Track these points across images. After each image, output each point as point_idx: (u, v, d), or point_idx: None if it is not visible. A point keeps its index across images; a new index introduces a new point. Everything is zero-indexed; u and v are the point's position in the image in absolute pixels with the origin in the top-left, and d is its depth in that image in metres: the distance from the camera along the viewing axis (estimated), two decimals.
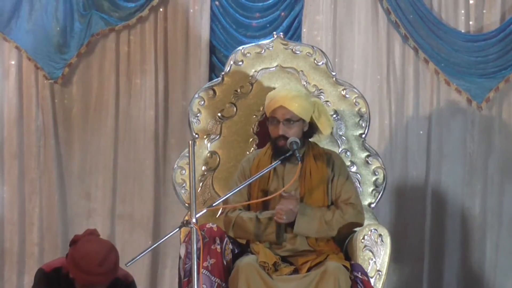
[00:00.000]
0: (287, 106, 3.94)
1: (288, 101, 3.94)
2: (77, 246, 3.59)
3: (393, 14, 5.52)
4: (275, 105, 3.97)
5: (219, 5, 5.68)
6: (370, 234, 3.95)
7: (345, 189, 4.02)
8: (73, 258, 3.57)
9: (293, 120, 3.96)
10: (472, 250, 5.57)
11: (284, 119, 3.95)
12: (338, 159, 4.13)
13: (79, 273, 3.54)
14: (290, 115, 3.95)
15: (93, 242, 3.63)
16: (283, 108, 3.95)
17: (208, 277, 3.74)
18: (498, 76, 5.50)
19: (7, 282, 5.70)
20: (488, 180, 5.56)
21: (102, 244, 3.64)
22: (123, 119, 5.71)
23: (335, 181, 4.03)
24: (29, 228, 5.72)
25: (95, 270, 3.53)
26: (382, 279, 3.94)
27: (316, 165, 4.02)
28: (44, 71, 5.66)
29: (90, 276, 3.53)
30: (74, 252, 3.58)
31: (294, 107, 3.94)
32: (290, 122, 3.95)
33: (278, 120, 3.96)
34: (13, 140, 5.71)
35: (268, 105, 4.02)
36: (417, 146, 5.59)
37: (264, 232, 3.89)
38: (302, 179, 4.00)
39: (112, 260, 3.58)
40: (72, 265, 3.56)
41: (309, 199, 3.97)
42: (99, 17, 5.63)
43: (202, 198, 4.44)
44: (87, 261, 3.53)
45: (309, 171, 4.01)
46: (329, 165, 4.04)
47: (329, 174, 4.03)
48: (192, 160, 3.40)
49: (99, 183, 5.72)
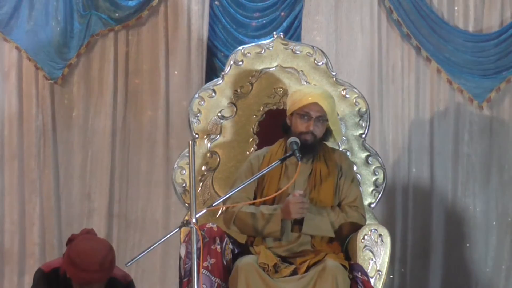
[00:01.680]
0: (322, 104, 3.96)
1: (323, 100, 3.97)
2: (74, 244, 3.60)
3: (395, 13, 5.52)
4: (309, 101, 3.96)
5: (219, 4, 5.68)
6: (370, 234, 3.95)
7: (351, 191, 4.04)
8: (69, 256, 3.57)
9: (324, 119, 3.99)
10: (473, 250, 5.57)
11: (317, 116, 3.96)
12: (346, 160, 4.16)
13: (75, 271, 3.55)
14: (323, 113, 3.97)
15: (90, 240, 3.65)
16: (317, 105, 3.96)
17: (208, 277, 3.74)
18: (499, 77, 5.50)
19: (8, 282, 5.70)
20: (488, 180, 5.56)
21: (98, 242, 3.65)
22: (122, 119, 5.71)
23: (342, 183, 4.04)
24: (29, 228, 5.72)
25: (91, 267, 3.53)
26: (382, 279, 3.94)
27: (326, 165, 4.04)
28: (44, 71, 5.66)
29: (86, 273, 3.53)
30: (70, 251, 3.59)
31: (327, 107, 3.97)
32: (320, 121, 3.98)
33: (310, 116, 3.97)
34: (13, 140, 5.72)
35: (299, 99, 3.99)
36: (418, 146, 5.59)
37: (266, 227, 3.89)
38: (312, 178, 4.02)
39: (109, 258, 3.59)
40: (69, 263, 3.56)
41: (317, 199, 3.98)
42: (99, 17, 5.63)
43: (202, 198, 4.44)
44: (83, 258, 3.53)
45: (319, 171, 4.02)
46: (338, 166, 4.07)
47: (337, 174, 4.05)
48: (192, 160, 3.40)
49: (99, 183, 5.72)
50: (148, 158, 5.69)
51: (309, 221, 3.87)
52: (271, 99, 4.55)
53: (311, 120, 3.96)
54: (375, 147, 4.62)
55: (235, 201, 3.94)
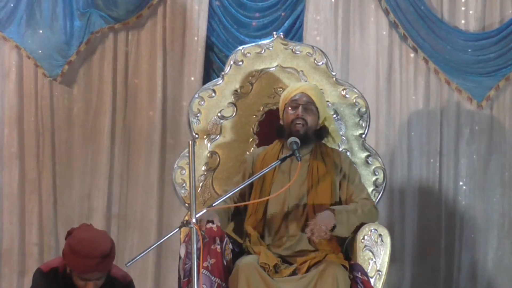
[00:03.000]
0: (308, 93, 4.09)
1: (309, 89, 4.12)
2: (73, 235, 3.64)
3: (391, 14, 5.52)
4: (295, 92, 4.10)
5: (220, 4, 5.68)
6: (370, 234, 3.95)
7: (358, 188, 4.08)
8: (69, 246, 3.59)
9: (311, 107, 4.07)
10: (474, 250, 5.56)
11: (304, 104, 4.05)
12: (346, 159, 4.17)
13: (76, 259, 3.55)
14: (310, 100, 4.07)
15: (89, 230, 3.69)
16: (304, 94, 4.09)
17: (208, 277, 3.73)
18: (498, 75, 5.50)
19: (7, 282, 5.70)
20: (488, 180, 5.56)
21: (98, 232, 3.70)
22: (121, 118, 5.71)
23: (346, 182, 4.06)
24: (28, 228, 5.72)
25: (92, 254, 3.54)
26: (382, 279, 3.94)
27: (324, 163, 4.06)
28: (43, 68, 5.65)
29: (88, 260, 3.54)
30: (70, 241, 3.61)
31: (313, 95, 4.09)
32: (308, 109, 4.06)
33: (298, 104, 4.06)
34: (13, 140, 5.71)
35: (287, 94, 4.13)
36: (418, 146, 5.58)
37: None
38: (310, 175, 4.03)
39: (109, 245, 3.61)
40: (69, 253, 3.57)
41: (314, 196, 3.99)
42: (99, 15, 5.63)
43: (202, 198, 4.44)
44: (84, 245, 3.55)
45: (316, 168, 4.05)
46: (337, 165, 4.08)
47: (336, 173, 4.06)
48: (192, 160, 3.40)
49: (98, 183, 5.71)
50: (148, 158, 5.68)
51: (340, 229, 3.87)
52: (271, 99, 4.55)
53: (299, 106, 4.05)
54: (374, 147, 4.61)
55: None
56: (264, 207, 4.05)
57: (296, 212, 4.01)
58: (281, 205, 4.03)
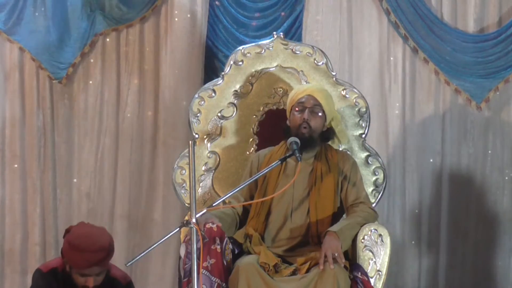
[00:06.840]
0: (315, 95, 4.07)
1: (317, 92, 4.09)
2: (72, 232, 3.69)
3: (392, 15, 5.52)
4: (303, 94, 4.08)
5: (219, 4, 5.68)
6: (370, 234, 3.95)
7: (358, 191, 4.07)
8: (68, 242, 3.63)
9: (318, 110, 4.05)
10: (474, 250, 5.57)
11: (310, 107, 4.04)
12: (349, 160, 4.16)
13: (75, 254, 3.58)
14: (317, 103, 4.05)
15: (87, 226, 3.75)
16: (311, 97, 4.07)
17: (208, 277, 3.73)
18: (497, 77, 5.50)
19: (9, 282, 5.70)
20: (487, 180, 5.56)
21: (96, 227, 3.75)
22: (123, 119, 5.71)
23: (346, 184, 4.06)
24: (30, 228, 5.73)
25: (92, 248, 3.57)
26: (382, 279, 3.94)
27: (328, 166, 4.06)
28: (49, 71, 5.66)
29: (87, 254, 3.57)
30: (69, 237, 3.66)
31: (321, 98, 4.07)
32: (315, 112, 4.04)
33: (305, 107, 4.04)
34: (15, 140, 5.72)
35: (295, 95, 4.11)
36: (417, 146, 5.58)
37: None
38: (313, 177, 4.03)
39: (108, 239, 3.65)
40: (68, 249, 3.60)
41: (317, 197, 3.99)
42: (103, 17, 5.63)
43: (202, 198, 4.45)
44: (83, 240, 3.59)
45: (320, 171, 4.04)
46: (339, 167, 4.08)
47: (339, 174, 4.06)
48: (192, 160, 3.40)
49: (99, 183, 5.72)
50: (149, 158, 5.69)
51: (345, 242, 3.85)
52: (271, 99, 4.56)
53: (306, 110, 4.03)
54: (374, 147, 4.61)
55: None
56: (267, 209, 4.05)
57: (299, 215, 4.01)
58: (284, 208, 4.03)
